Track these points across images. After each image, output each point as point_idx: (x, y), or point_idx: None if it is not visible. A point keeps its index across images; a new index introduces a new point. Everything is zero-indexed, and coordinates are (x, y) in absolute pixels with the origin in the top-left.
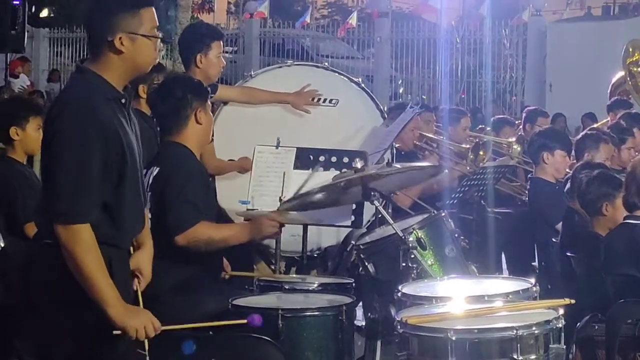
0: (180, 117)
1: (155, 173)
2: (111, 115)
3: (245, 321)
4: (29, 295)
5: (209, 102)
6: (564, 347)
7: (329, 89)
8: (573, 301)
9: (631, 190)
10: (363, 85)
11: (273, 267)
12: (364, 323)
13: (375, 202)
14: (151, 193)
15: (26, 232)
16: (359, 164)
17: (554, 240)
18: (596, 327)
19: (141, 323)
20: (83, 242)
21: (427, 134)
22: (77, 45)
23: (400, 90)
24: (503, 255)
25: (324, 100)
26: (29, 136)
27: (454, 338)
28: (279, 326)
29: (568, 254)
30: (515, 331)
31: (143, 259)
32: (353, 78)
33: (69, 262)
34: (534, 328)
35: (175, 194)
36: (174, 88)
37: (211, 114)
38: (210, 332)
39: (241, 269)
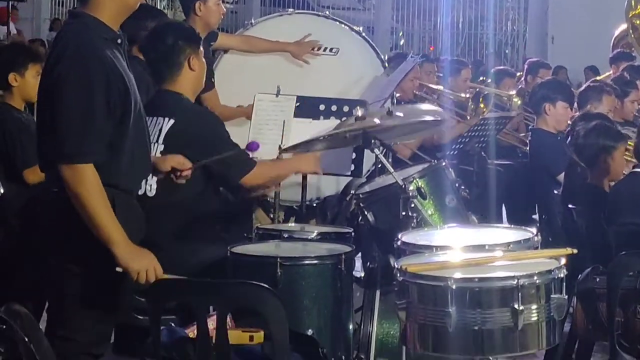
0: (172, 64)
1: (169, 124)
2: (110, 54)
3: None
4: (31, 241)
5: (202, 49)
6: (566, 297)
7: (329, 38)
8: (575, 251)
9: None
10: (364, 34)
11: (272, 217)
12: (362, 274)
13: (376, 150)
14: (166, 146)
15: (25, 178)
16: (359, 112)
17: (555, 192)
18: (597, 279)
19: (144, 266)
20: (88, 181)
21: (427, 84)
22: None
23: (401, 42)
24: (503, 208)
25: (325, 49)
26: (28, 83)
27: (454, 287)
28: (277, 275)
29: (570, 206)
30: (516, 280)
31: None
32: (354, 27)
33: (75, 203)
34: (535, 277)
35: (223, 146)
36: (164, 35)
37: (204, 60)
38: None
39: (240, 218)
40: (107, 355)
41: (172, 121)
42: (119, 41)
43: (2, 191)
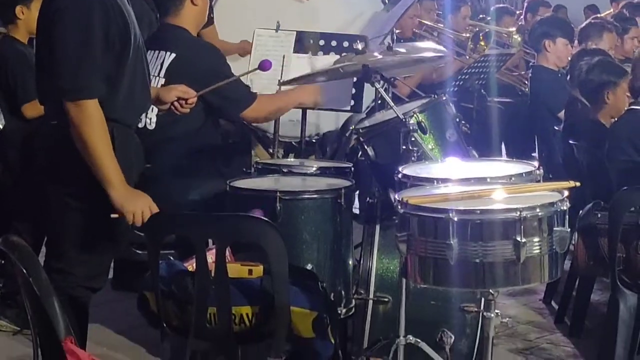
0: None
1: (170, 59)
2: None
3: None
4: (30, 174)
5: None
6: (568, 230)
7: None
8: (578, 184)
9: (638, 74)
10: None
11: (271, 152)
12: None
13: (376, 84)
14: (166, 80)
15: (24, 112)
16: (359, 46)
17: (555, 128)
18: (599, 215)
19: (139, 208)
20: (92, 118)
21: (426, 22)
22: None
23: None
24: (503, 146)
25: None
26: (34, 16)
27: (455, 219)
28: (276, 209)
29: (571, 142)
30: (518, 213)
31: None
32: None
33: (77, 139)
34: (537, 210)
35: (224, 79)
36: None
37: None
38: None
39: (239, 154)
40: (105, 290)
41: (173, 55)
42: None
43: (3, 123)
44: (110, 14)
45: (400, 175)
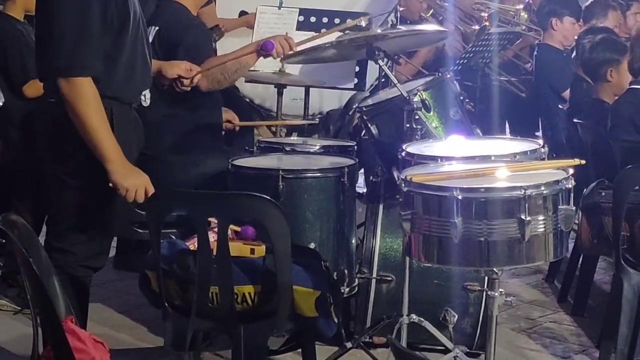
0: None
1: (154, 32)
2: None
3: None
4: (30, 153)
5: None
6: (573, 208)
7: None
8: (583, 162)
9: (636, 54)
10: None
11: (273, 131)
12: (365, 190)
13: (380, 62)
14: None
15: (25, 92)
16: (363, 22)
17: (560, 107)
18: (603, 193)
19: (134, 185)
20: (85, 95)
21: (434, 4)
22: None
23: None
24: (507, 125)
25: None
26: None
27: (460, 197)
28: (279, 187)
29: (575, 120)
30: (523, 191)
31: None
32: None
33: (72, 116)
34: (542, 188)
35: (177, 43)
36: None
37: None
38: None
39: (242, 132)
40: (106, 270)
41: (157, 28)
42: None
43: (3, 101)
44: None
45: (404, 154)
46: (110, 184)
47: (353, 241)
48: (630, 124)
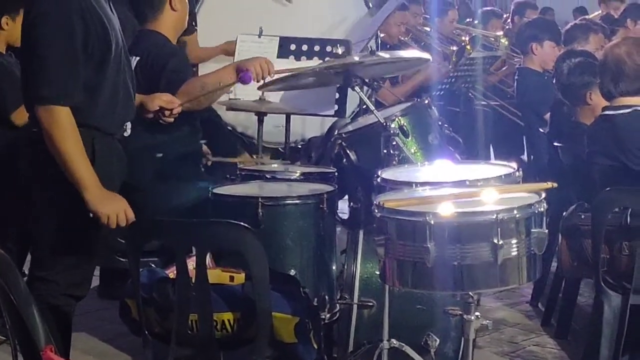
0: (154, 4)
1: (135, 62)
2: None
3: None
4: (13, 181)
5: None
6: (546, 231)
7: None
8: (555, 185)
9: (605, 78)
10: None
11: (256, 158)
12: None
13: (357, 89)
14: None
15: (14, 121)
16: (339, 50)
17: (541, 130)
18: (582, 216)
19: (114, 211)
20: (62, 123)
21: (413, 27)
22: None
23: None
24: (491, 149)
25: None
26: (17, 27)
27: (432, 222)
28: (259, 214)
29: (555, 144)
30: (495, 215)
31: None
32: None
33: (49, 144)
34: (515, 212)
35: (159, 71)
36: None
37: (187, 0)
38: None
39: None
40: (91, 299)
41: (138, 58)
42: None
43: None
44: (90, 21)
45: (379, 179)
46: (91, 214)
47: (334, 267)
48: (608, 150)
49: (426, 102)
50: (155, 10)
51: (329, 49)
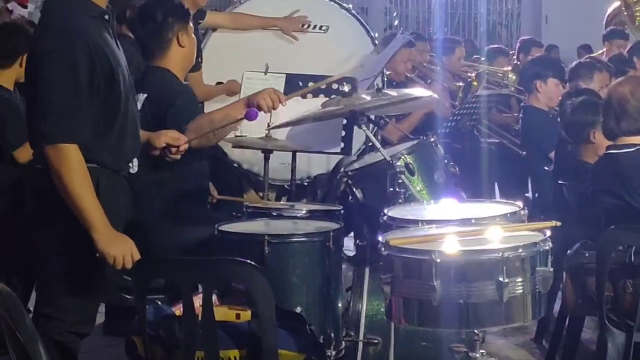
0: (162, 41)
1: (143, 99)
2: (96, 33)
3: None
4: (18, 219)
5: (191, 25)
6: (551, 270)
7: (319, 16)
8: (559, 223)
9: (609, 117)
10: (353, 12)
11: (262, 196)
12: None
13: (363, 127)
14: (141, 120)
15: (17, 158)
16: (346, 88)
17: (546, 169)
18: (587, 254)
19: (120, 252)
20: (70, 161)
21: (420, 64)
22: None
23: (395, 23)
24: (496, 187)
25: (314, 27)
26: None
27: (438, 260)
28: (265, 252)
29: (560, 182)
30: (501, 253)
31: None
32: (343, 4)
33: (57, 183)
34: (520, 250)
35: (167, 108)
36: (153, 12)
37: (194, 36)
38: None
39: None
40: (96, 336)
41: (145, 95)
42: (106, 17)
43: None
44: (95, 58)
45: (385, 218)
46: (97, 254)
47: (340, 304)
48: (612, 189)
49: (432, 140)
50: (163, 47)
51: (335, 86)
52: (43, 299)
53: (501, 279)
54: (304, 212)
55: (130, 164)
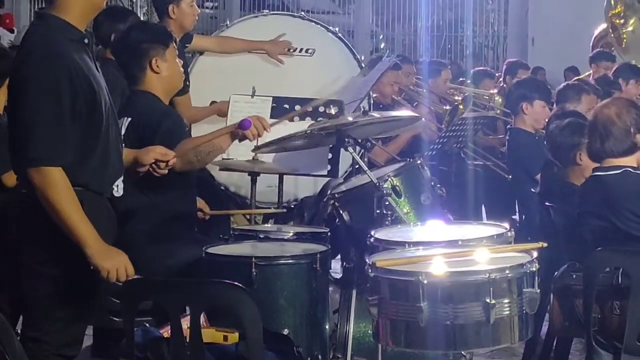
0: (139, 67)
1: (127, 123)
2: (77, 57)
3: None
4: (4, 243)
5: (172, 47)
6: (538, 291)
7: (305, 39)
8: (545, 245)
9: (594, 138)
10: (340, 35)
11: (249, 219)
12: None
13: (350, 149)
14: (125, 145)
15: (5, 182)
16: (332, 110)
17: (533, 190)
18: (574, 275)
19: (114, 266)
20: (56, 183)
21: (406, 87)
22: None
23: (382, 46)
24: (483, 209)
25: (301, 50)
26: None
27: (425, 281)
28: (252, 274)
29: (547, 204)
30: (488, 274)
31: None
32: (329, 28)
33: (45, 205)
34: (507, 271)
35: (152, 131)
36: (128, 38)
37: (178, 60)
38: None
39: (217, 221)
40: (84, 358)
41: (129, 119)
42: (86, 41)
43: None
44: (77, 81)
45: (372, 239)
46: (92, 267)
47: (327, 326)
48: (599, 210)
49: (418, 162)
50: (141, 73)
51: (321, 109)
52: (30, 322)
53: (488, 300)
54: (291, 234)
55: (115, 187)
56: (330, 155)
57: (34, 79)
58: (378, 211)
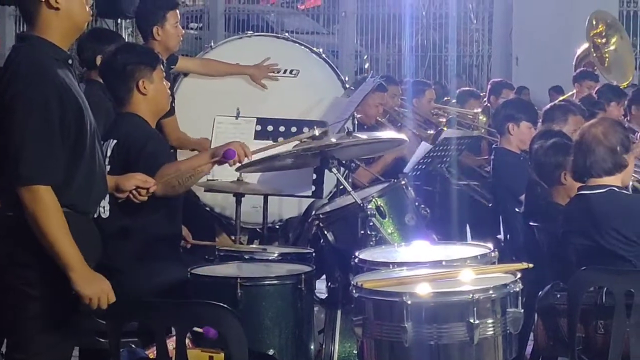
0: (125, 89)
1: (112, 145)
2: (63, 75)
3: None
4: None
5: (159, 69)
6: (522, 311)
7: (289, 60)
8: (531, 265)
9: (579, 158)
10: (324, 55)
11: (234, 239)
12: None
13: (334, 170)
14: (111, 167)
15: None
16: (317, 132)
17: (517, 210)
18: (558, 295)
19: (96, 293)
20: (45, 203)
21: (391, 108)
22: None
23: (366, 66)
24: (468, 228)
25: (285, 71)
26: None
27: (409, 302)
28: (237, 295)
29: (531, 223)
30: (471, 295)
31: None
32: (313, 49)
33: (32, 225)
34: (490, 292)
35: (136, 153)
36: (113, 60)
37: (164, 81)
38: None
39: (203, 240)
40: None
41: (115, 141)
42: (70, 61)
43: None
44: (65, 99)
45: (357, 260)
46: (74, 292)
47: (312, 346)
48: (584, 229)
49: (403, 182)
50: (127, 95)
51: (306, 130)
52: (14, 343)
53: (472, 320)
54: (275, 255)
55: (102, 209)
56: (314, 176)
57: (23, 97)
58: (362, 232)
